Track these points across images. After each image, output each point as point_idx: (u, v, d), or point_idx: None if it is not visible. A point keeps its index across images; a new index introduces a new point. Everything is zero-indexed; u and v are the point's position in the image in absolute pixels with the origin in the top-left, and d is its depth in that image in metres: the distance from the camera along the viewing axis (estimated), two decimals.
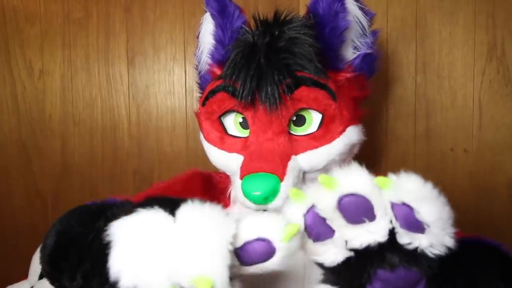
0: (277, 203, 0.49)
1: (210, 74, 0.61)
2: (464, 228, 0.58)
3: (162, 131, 0.96)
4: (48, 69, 0.98)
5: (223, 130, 0.57)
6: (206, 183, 0.64)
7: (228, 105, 0.55)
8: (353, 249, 0.36)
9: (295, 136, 0.54)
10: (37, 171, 1.00)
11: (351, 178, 0.35)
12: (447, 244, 0.35)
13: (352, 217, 0.35)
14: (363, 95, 0.60)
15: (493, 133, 0.84)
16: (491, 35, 0.83)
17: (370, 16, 0.58)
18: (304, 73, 0.51)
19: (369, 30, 0.58)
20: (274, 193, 0.49)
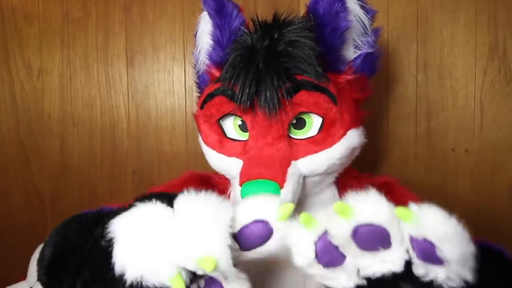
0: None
1: (208, 75, 0.61)
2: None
3: (162, 130, 0.95)
4: (47, 68, 0.98)
5: (222, 133, 0.56)
6: (204, 184, 0.64)
7: (227, 108, 0.54)
8: (366, 278, 0.35)
9: (295, 140, 0.53)
10: (35, 171, 1.00)
11: (368, 207, 0.33)
12: (466, 278, 0.33)
13: (368, 246, 0.33)
14: (364, 96, 0.59)
15: (495, 133, 0.84)
16: (492, 35, 0.83)
17: (371, 14, 0.57)
18: (304, 76, 0.50)
19: (370, 28, 0.57)
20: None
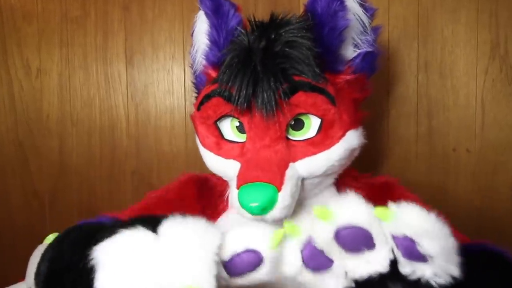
0: (275, 213, 0.48)
1: (205, 75, 0.60)
2: (467, 229, 0.57)
3: (161, 130, 0.95)
4: (46, 68, 0.97)
5: (219, 135, 0.56)
6: (201, 187, 0.63)
7: (223, 110, 0.53)
8: (355, 279, 0.36)
9: (293, 142, 0.52)
10: (34, 171, 0.99)
11: (347, 209, 0.34)
12: (452, 273, 0.34)
13: (351, 247, 0.34)
14: (363, 96, 0.58)
15: (496, 132, 0.83)
16: (494, 34, 0.82)
17: (370, 12, 0.56)
18: (302, 77, 0.50)
19: (369, 27, 0.56)
20: (271, 203, 0.47)
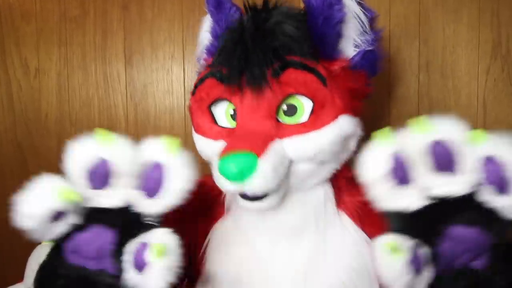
0: (254, 183, 0.46)
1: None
2: None
3: (160, 131, 0.94)
4: (44, 67, 0.97)
5: (212, 120, 0.56)
6: (194, 195, 0.62)
7: (216, 92, 0.53)
8: (432, 198, 0.36)
9: (284, 125, 0.51)
10: (33, 171, 0.98)
11: (446, 125, 0.36)
12: None
13: (440, 164, 0.35)
14: (362, 89, 0.57)
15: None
16: (495, 33, 0.82)
17: (370, 14, 0.57)
18: (292, 56, 0.50)
19: (369, 27, 0.56)
20: (249, 168, 0.46)
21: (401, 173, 0.36)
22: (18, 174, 0.99)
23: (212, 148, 0.54)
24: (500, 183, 0.34)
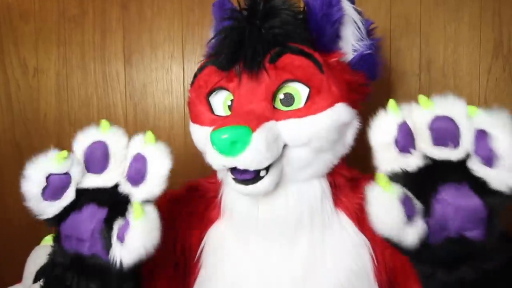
0: (247, 156, 0.46)
1: None
2: None
3: (160, 130, 0.94)
4: (43, 67, 0.96)
5: (210, 109, 0.56)
6: (186, 200, 0.62)
7: (214, 79, 0.54)
8: (428, 158, 0.39)
9: (280, 110, 0.51)
10: None
11: (447, 103, 0.38)
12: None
13: (439, 139, 0.38)
14: (359, 83, 0.56)
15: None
16: (497, 33, 0.81)
17: (368, 24, 0.58)
18: (289, 41, 0.50)
19: (366, 35, 0.57)
20: (243, 140, 0.45)
21: (405, 142, 0.39)
22: (16, 175, 0.98)
23: (207, 135, 0.53)
24: (488, 156, 0.36)
